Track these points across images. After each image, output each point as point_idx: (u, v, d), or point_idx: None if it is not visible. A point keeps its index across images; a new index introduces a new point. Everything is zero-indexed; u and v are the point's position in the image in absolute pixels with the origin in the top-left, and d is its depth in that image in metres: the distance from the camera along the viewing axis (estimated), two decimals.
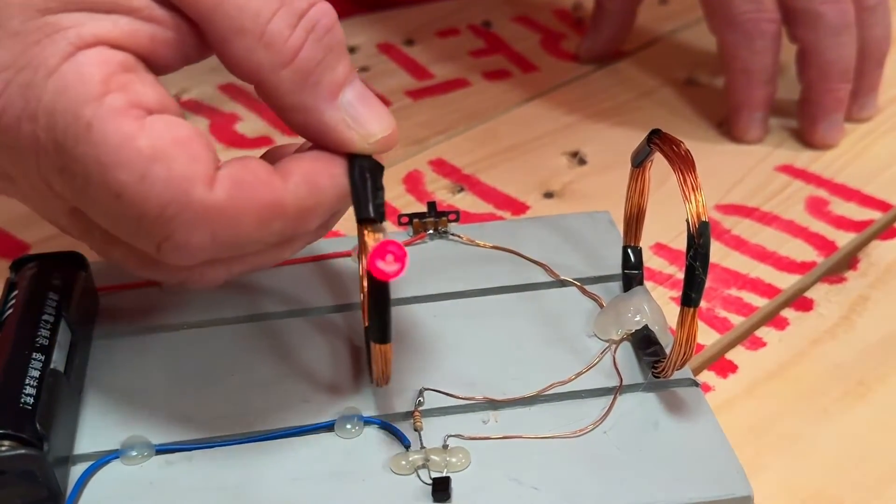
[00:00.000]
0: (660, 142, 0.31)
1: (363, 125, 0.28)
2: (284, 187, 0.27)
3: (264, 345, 0.35)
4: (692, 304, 0.29)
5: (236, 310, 0.37)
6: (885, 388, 0.36)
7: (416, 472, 0.30)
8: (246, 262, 0.28)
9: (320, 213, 0.28)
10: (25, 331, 0.32)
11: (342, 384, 0.34)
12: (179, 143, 0.26)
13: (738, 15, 0.48)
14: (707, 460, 0.31)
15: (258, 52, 0.26)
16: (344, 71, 0.28)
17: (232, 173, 0.26)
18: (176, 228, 0.26)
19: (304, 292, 0.38)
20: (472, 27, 0.62)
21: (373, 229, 0.27)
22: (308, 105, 0.27)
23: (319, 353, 0.35)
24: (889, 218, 0.45)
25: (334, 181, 0.28)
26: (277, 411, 0.32)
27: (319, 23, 0.27)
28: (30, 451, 0.28)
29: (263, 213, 0.26)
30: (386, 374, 0.30)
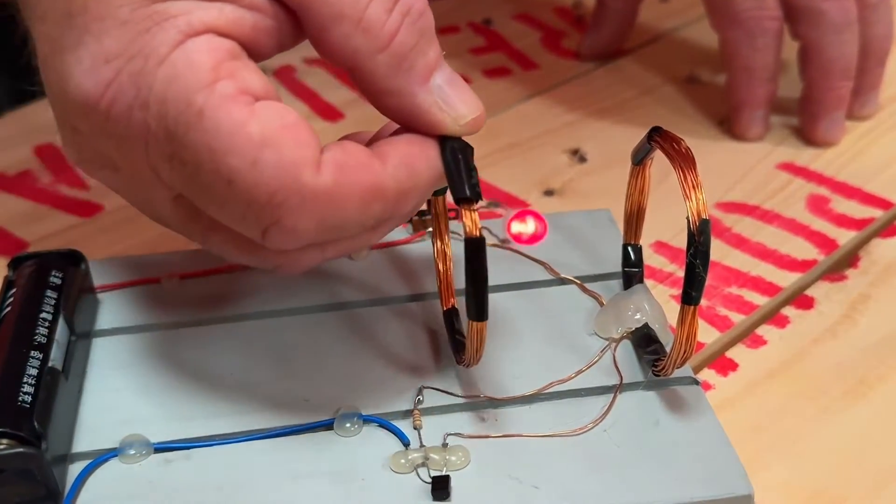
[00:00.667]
0: (660, 139, 0.31)
1: (454, 107, 0.28)
2: (384, 170, 0.27)
3: (263, 343, 0.35)
4: (692, 303, 0.29)
5: (234, 308, 0.37)
6: (885, 386, 0.35)
7: (415, 471, 0.30)
8: (341, 245, 0.29)
9: (417, 194, 0.28)
10: (23, 329, 0.31)
11: (341, 382, 0.34)
12: (287, 129, 0.26)
13: (740, 12, 0.48)
14: (707, 459, 0.31)
15: (356, 38, 0.27)
16: (435, 55, 0.28)
17: (336, 157, 0.27)
18: (285, 213, 0.26)
19: (302, 292, 0.37)
20: (473, 25, 0.62)
21: (471, 208, 0.27)
22: (402, 88, 0.28)
23: (318, 352, 0.35)
24: (890, 216, 0.45)
25: (430, 163, 0.28)
26: (276, 409, 0.32)
27: (413, 7, 0.27)
28: (28, 449, 0.28)
29: (366, 196, 0.27)
30: (479, 354, 0.30)
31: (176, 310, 0.37)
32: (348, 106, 0.53)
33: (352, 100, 0.54)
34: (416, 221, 0.40)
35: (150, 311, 0.36)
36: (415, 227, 0.40)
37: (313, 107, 0.53)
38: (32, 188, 0.47)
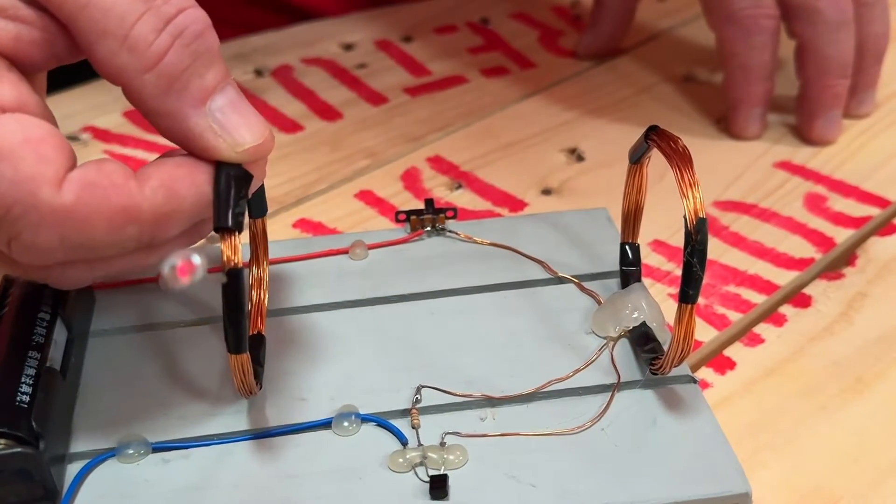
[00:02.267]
0: (657, 138, 0.31)
1: (231, 133, 0.28)
2: (140, 192, 0.27)
3: None
4: (690, 301, 0.29)
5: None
6: (883, 384, 0.35)
7: (413, 470, 0.30)
8: (108, 264, 0.28)
9: (179, 219, 0.27)
10: (21, 329, 0.31)
11: (339, 381, 0.34)
12: (29, 143, 0.25)
13: (737, 11, 0.48)
14: (705, 457, 0.31)
15: (122, 56, 0.26)
16: (215, 78, 0.27)
17: (84, 176, 0.26)
18: (22, 229, 0.26)
19: (300, 291, 0.37)
20: (470, 24, 0.62)
21: (231, 237, 0.27)
22: (172, 110, 0.27)
23: (315, 351, 0.35)
24: (887, 214, 0.45)
25: (196, 189, 0.27)
26: (274, 409, 0.32)
27: (188, 28, 0.27)
28: (25, 449, 0.28)
29: (115, 218, 0.26)
30: (248, 386, 0.30)
31: (174, 309, 0.36)
32: (347, 105, 0.53)
33: (350, 99, 0.54)
34: (414, 220, 0.40)
35: (147, 311, 0.36)
36: (412, 227, 0.40)
37: (311, 106, 0.53)
38: None
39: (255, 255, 0.35)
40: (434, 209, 0.40)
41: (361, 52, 0.58)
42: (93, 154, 0.49)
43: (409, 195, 0.46)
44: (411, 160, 0.49)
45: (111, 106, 0.52)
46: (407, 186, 0.47)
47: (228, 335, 0.28)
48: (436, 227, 0.40)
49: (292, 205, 0.45)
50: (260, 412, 0.32)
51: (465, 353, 0.35)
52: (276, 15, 0.65)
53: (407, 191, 0.46)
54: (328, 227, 0.44)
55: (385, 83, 0.56)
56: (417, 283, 0.38)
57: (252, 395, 0.31)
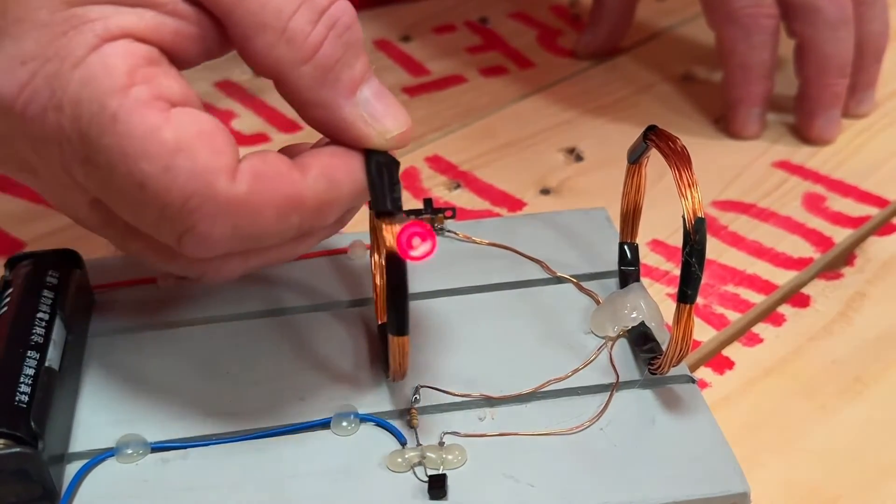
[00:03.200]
0: (656, 138, 0.31)
1: (380, 121, 0.28)
2: (303, 181, 0.27)
3: (260, 342, 0.35)
4: (688, 301, 0.29)
5: (231, 307, 0.37)
6: (882, 384, 0.35)
7: (412, 470, 0.30)
8: (263, 255, 0.29)
9: (338, 206, 0.28)
10: (20, 329, 0.31)
11: (338, 381, 0.34)
12: (203, 136, 0.26)
13: (737, 10, 0.48)
14: (704, 457, 0.31)
15: (279, 48, 0.27)
16: (362, 68, 0.28)
17: (253, 166, 0.27)
18: (198, 220, 0.26)
19: (299, 290, 0.37)
20: (469, 23, 0.62)
21: (391, 222, 0.27)
22: (327, 101, 0.28)
23: (315, 351, 0.35)
24: (886, 214, 0.45)
25: (352, 176, 0.28)
26: (273, 409, 0.32)
27: (340, 20, 0.27)
28: (24, 449, 0.28)
29: (283, 207, 0.27)
30: (403, 368, 0.30)
31: (172, 309, 0.36)
32: None
33: None
34: None
35: (146, 311, 0.36)
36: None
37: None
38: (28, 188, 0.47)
39: (374, 244, 0.35)
40: (433, 209, 0.40)
41: None
42: None
43: (408, 195, 0.46)
44: (410, 160, 0.49)
45: None
46: (406, 186, 0.47)
47: (392, 318, 0.28)
48: (434, 226, 0.40)
49: None
50: (259, 412, 0.32)
51: (464, 353, 0.35)
52: None
53: (406, 190, 0.46)
54: None
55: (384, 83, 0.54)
56: (416, 282, 0.38)
57: (402, 379, 0.31)
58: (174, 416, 0.32)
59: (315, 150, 0.28)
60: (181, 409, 0.32)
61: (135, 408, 0.33)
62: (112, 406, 0.33)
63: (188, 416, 0.32)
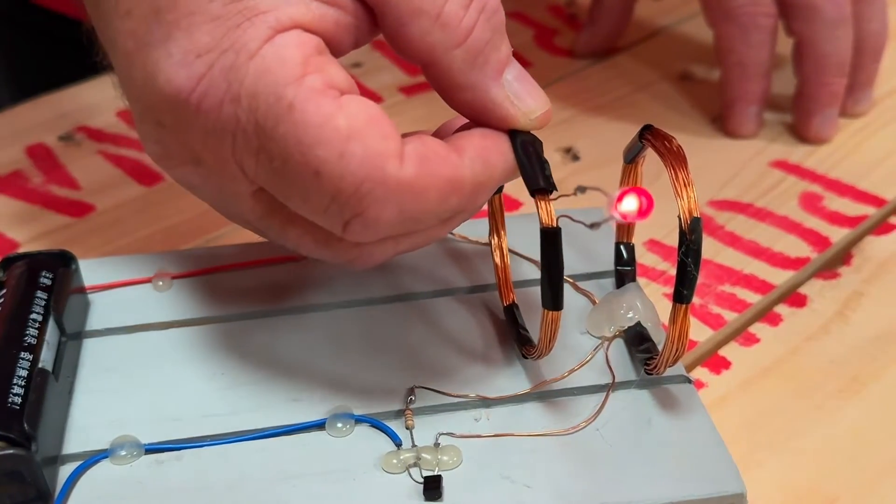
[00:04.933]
0: (651, 137, 0.31)
1: (524, 102, 0.29)
2: (462, 163, 0.28)
3: (253, 343, 0.35)
4: (684, 301, 0.29)
5: (225, 309, 0.36)
6: (879, 383, 0.35)
7: (407, 471, 0.30)
8: (415, 238, 0.29)
9: (491, 186, 0.29)
10: (13, 330, 0.31)
11: (333, 382, 0.33)
12: (372, 121, 0.26)
13: (735, 8, 0.48)
14: (700, 457, 0.31)
15: (434, 33, 0.27)
16: (507, 51, 0.29)
17: (418, 149, 0.27)
18: (369, 204, 0.27)
19: (295, 291, 0.37)
20: None
21: (545, 199, 0.28)
22: (477, 83, 0.28)
23: (309, 352, 0.35)
24: (883, 213, 0.45)
25: (504, 156, 0.29)
26: (267, 410, 0.32)
27: (489, 3, 0.28)
28: (18, 451, 0.28)
29: (445, 188, 0.27)
30: (552, 344, 0.30)
31: (167, 310, 0.36)
32: None
33: None
34: None
35: (140, 312, 0.36)
36: None
37: None
38: (23, 188, 0.47)
39: (494, 226, 0.36)
40: None
41: (356, 51, 0.57)
42: (87, 154, 0.49)
43: None
44: None
45: (104, 106, 0.52)
46: None
47: (546, 293, 0.29)
48: None
49: None
50: (253, 413, 0.32)
51: (459, 354, 0.34)
52: None
53: None
54: None
55: (380, 82, 0.55)
56: (412, 282, 0.38)
57: (542, 356, 0.31)
58: (168, 417, 0.32)
59: (466, 132, 0.29)
60: (175, 411, 0.32)
61: (128, 409, 0.32)
62: (105, 407, 0.33)
63: (182, 417, 0.32)
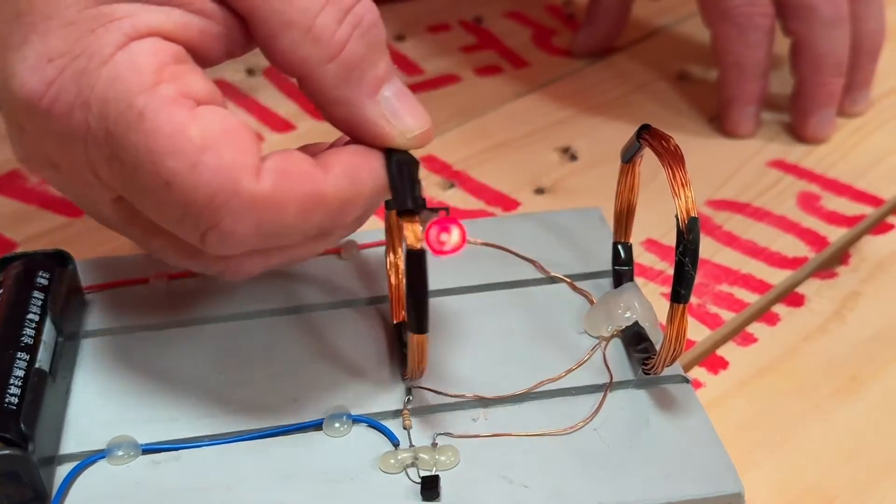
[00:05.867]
0: (649, 137, 0.31)
1: (401, 120, 0.28)
2: (325, 179, 0.27)
3: (251, 343, 0.35)
4: (682, 301, 0.29)
5: (223, 308, 0.36)
6: (877, 383, 0.35)
7: (405, 471, 0.30)
8: (284, 253, 0.29)
9: (359, 205, 0.28)
10: (10, 330, 0.31)
11: (330, 382, 0.33)
12: (228, 134, 0.26)
13: (732, 8, 0.48)
14: (698, 457, 0.31)
15: (305, 46, 0.27)
16: (385, 67, 0.28)
17: (277, 164, 0.27)
18: (223, 217, 0.26)
19: (291, 291, 0.37)
20: (464, 23, 0.62)
21: (413, 221, 0.27)
22: (351, 99, 0.28)
23: (307, 352, 0.35)
24: (881, 213, 0.45)
25: (374, 174, 0.28)
26: (265, 410, 0.32)
27: (364, 18, 0.27)
28: (14, 451, 0.28)
29: (306, 204, 0.27)
30: (422, 367, 0.30)
31: (164, 310, 0.36)
32: None
33: None
34: None
35: (138, 312, 0.36)
36: None
37: (303, 105, 0.53)
38: (20, 188, 0.47)
39: (391, 243, 0.35)
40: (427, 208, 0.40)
41: None
42: None
43: None
44: None
45: None
46: None
47: (411, 316, 0.28)
48: None
49: None
50: (250, 413, 0.32)
51: (457, 354, 0.34)
52: None
53: None
54: None
55: None
56: None
57: (419, 377, 0.31)
58: (165, 417, 0.32)
59: (337, 148, 0.29)
60: (172, 411, 0.32)
61: (126, 409, 0.32)
62: (103, 408, 0.32)
63: (180, 417, 0.32)
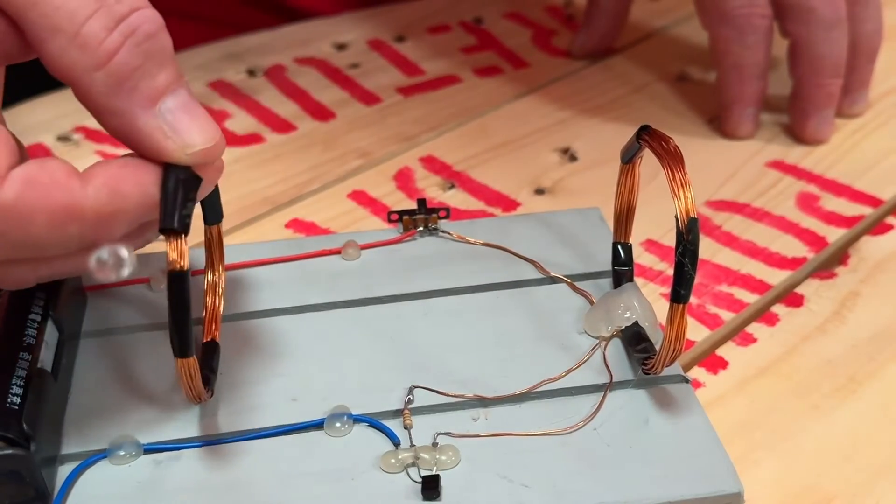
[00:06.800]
0: (649, 138, 0.31)
1: (181, 135, 0.27)
2: (82, 191, 0.26)
3: (252, 343, 0.35)
4: (681, 301, 0.29)
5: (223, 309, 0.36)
6: (875, 383, 0.35)
7: (405, 471, 0.30)
8: (51, 264, 0.28)
9: (123, 219, 0.27)
10: (12, 330, 0.31)
11: (331, 382, 0.33)
12: None
13: (731, 10, 0.48)
14: (697, 457, 0.31)
15: (71, 53, 0.26)
16: (166, 79, 0.27)
17: (26, 173, 0.26)
18: None
19: (290, 291, 0.37)
20: (464, 24, 0.62)
21: (175, 240, 0.26)
22: (122, 109, 0.27)
23: (308, 351, 0.35)
24: (879, 213, 0.45)
25: (140, 189, 0.27)
26: (266, 410, 0.32)
27: (140, 28, 0.27)
28: (16, 451, 0.28)
29: (56, 215, 0.26)
30: (197, 391, 0.30)
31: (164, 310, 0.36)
32: (339, 105, 0.53)
33: (343, 99, 0.54)
34: (407, 220, 0.40)
35: (139, 312, 0.36)
36: (405, 227, 0.40)
37: (304, 106, 0.53)
38: None
39: (209, 261, 0.35)
40: (427, 209, 0.40)
41: (354, 52, 0.58)
42: (85, 154, 0.49)
43: (402, 195, 0.46)
44: (404, 160, 0.49)
45: None
46: (400, 186, 0.47)
47: (173, 339, 0.28)
48: (428, 227, 0.40)
49: (285, 205, 0.45)
50: (252, 413, 0.32)
51: (458, 354, 0.35)
52: (268, 15, 0.65)
53: (400, 191, 0.46)
54: (321, 228, 0.44)
55: (378, 83, 0.55)
56: (410, 283, 0.38)
57: (201, 401, 0.31)
58: (167, 417, 0.32)
59: (108, 161, 0.27)
60: (174, 411, 0.32)
61: (127, 409, 0.32)
62: (104, 407, 0.33)
63: (181, 417, 0.32)
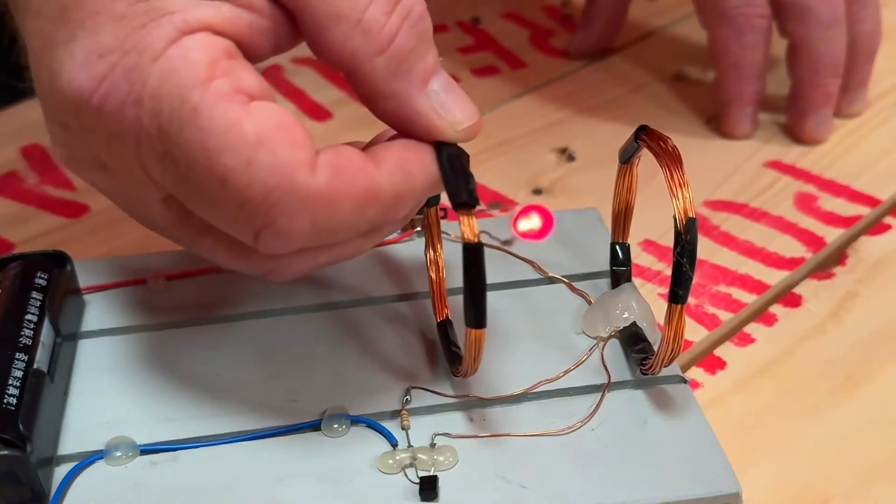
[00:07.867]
0: (647, 138, 0.31)
1: (451, 113, 0.28)
2: (380, 174, 0.27)
3: (250, 344, 0.35)
4: (679, 301, 0.29)
5: (221, 309, 0.36)
6: (873, 383, 0.35)
7: (403, 471, 0.30)
8: (333, 251, 0.29)
9: (411, 199, 0.28)
10: (8, 331, 0.31)
11: (329, 383, 0.33)
12: (283, 129, 0.26)
13: (729, 10, 0.48)
14: (695, 457, 0.31)
15: (355, 39, 0.27)
16: (433, 59, 0.28)
17: (331, 159, 0.26)
18: (279, 214, 0.26)
19: (290, 292, 0.37)
20: (461, 24, 0.62)
21: (468, 214, 0.27)
22: (401, 92, 0.27)
23: (306, 352, 0.35)
24: (877, 213, 0.45)
25: (425, 168, 0.28)
26: (263, 410, 0.32)
27: (413, 10, 0.27)
28: (12, 452, 0.28)
29: (360, 199, 0.27)
30: (477, 363, 0.30)
31: (162, 311, 0.36)
32: (336, 105, 0.53)
33: (340, 99, 0.54)
34: None
35: (136, 313, 0.36)
36: (403, 227, 0.40)
37: (301, 106, 0.53)
38: (18, 189, 0.47)
39: (429, 240, 0.35)
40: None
41: None
42: None
43: None
44: None
45: None
46: None
47: (470, 311, 0.28)
48: None
49: None
50: (249, 414, 0.32)
51: None
52: None
53: None
54: None
55: None
56: (408, 283, 0.38)
57: (468, 376, 0.31)
58: (163, 418, 0.32)
59: (387, 143, 0.28)
60: (170, 412, 0.32)
61: (124, 410, 0.32)
62: (101, 408, 0.33)
63: (177, 418, 0.32)
